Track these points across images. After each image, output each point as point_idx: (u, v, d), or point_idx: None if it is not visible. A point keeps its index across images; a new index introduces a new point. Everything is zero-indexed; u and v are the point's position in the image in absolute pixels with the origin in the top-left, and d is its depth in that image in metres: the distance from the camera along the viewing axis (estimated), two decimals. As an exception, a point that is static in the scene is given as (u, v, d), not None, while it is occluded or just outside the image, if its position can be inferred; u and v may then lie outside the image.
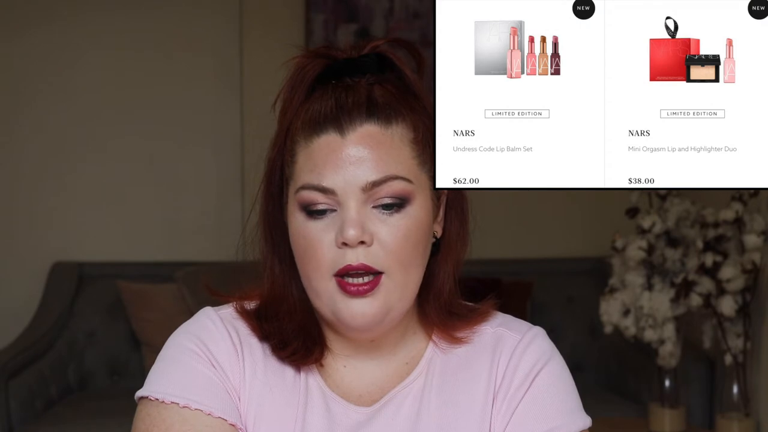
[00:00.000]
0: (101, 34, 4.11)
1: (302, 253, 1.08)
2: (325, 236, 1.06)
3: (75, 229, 4.12)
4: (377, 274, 1.05)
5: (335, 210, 1.06)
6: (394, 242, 1.06)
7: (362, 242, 1.05)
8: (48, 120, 4.09)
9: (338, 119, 1.07)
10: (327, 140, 1.07)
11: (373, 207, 1.06)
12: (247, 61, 4.15)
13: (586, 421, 1.13)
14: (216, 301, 1.17)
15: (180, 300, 3.73)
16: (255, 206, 1.16)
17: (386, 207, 1.06)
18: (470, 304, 1.19)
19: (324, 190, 1.06)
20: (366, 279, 1.05)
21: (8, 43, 4.07)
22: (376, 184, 1.06)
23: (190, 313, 1.17)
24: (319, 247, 1.06)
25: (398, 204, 1.07)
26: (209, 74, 4.18)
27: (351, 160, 1.06)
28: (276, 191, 1.13)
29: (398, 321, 1.11)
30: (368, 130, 1.07)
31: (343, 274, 1.05)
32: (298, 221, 1.08)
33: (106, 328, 3.94)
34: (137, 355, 3.89)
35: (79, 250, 4.09)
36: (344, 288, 1.05)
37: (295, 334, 1.11)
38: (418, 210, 1.08)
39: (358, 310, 1.06)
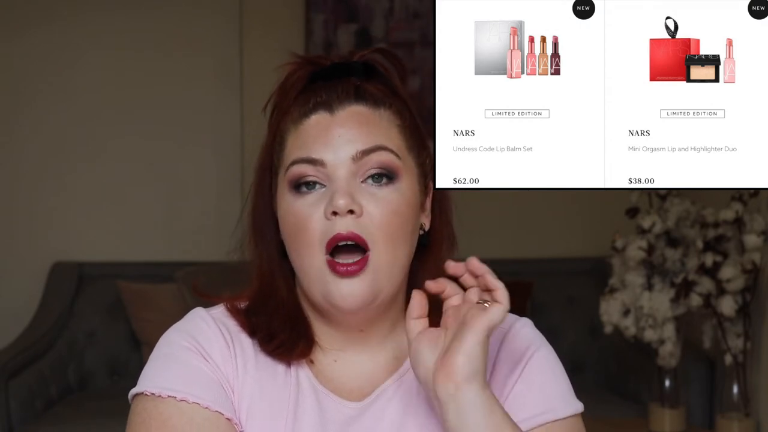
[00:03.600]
0: (101, 34, 4.11)
1: (292, 231, 1.10)
2: (314, 211, 1.08)
3: (75, 229, 4.12)
4: (365, 252, 1.07)
5: (324, 186, 1.09)
6: (384, 216, 1.08)
7: (352, 212, 1.07)
8: (48, 120, 4.09)
9: (327, 102, 1.11)
10: (317, 119, 1.10)
11: (362, 182, 1.09)
12: (247, 61, 4.15)
13: (578, 406, 1.15)
14: (209, 304, 1.18)
15: (180, 300, 3.73)
16: (246, 207, 1.18)
17: (376, 178, 1.09)
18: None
19: (314, 162, 1.09)
20: (354, 259, 1.07)
21: (8, 43, 4.07)
22: (365, 153, 1.08)
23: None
24: (309, 221, 1.08)
25: (387, 176, 1.09)
26: (209, 74, 4.18)
27: (340, 133, 1.09)
28: (266, 188, 1.16)
29: (387, 306, 1.13)
30: (357, 109, 1.11)
31: (332, 246, 1.06)
32: (287, 202, 1.10)
33: (106, 328, 3.94)
34: (137, 355, 3.89)
35: (79, 250, 4.09)
36: (334, 268, 1.07)
37: (282, 327, 1.13)
38: (405, 189, 1.10)
39: (348, 291, 1.07)
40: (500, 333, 1.15)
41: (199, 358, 1.10)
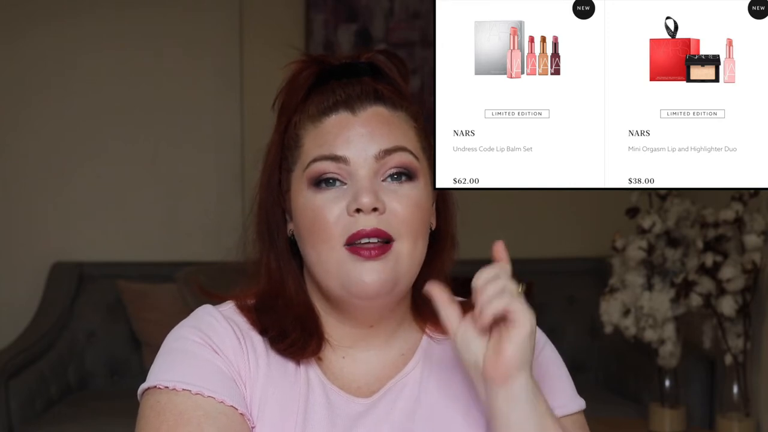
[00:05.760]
0: (101, 35, 4.11)
1: (310, 225, 1.10)
2: (335, 206, 1.09)
3: (75, 229, 4.12)
4: (388, 241, 1.08)
5: (345, 183, 1.09)
6: (406, 211, 1.09)
7: (375, 209, 1.07)
8: (48, 120, 4.09)
9: (348, 101, 1.11)
10: (338, 119, 1.11)
11: (383, 180, 1.10)
12: (247, 61, 4.15)
13: (582, 402, 1.18)
14: (212, 303, 1.18)
15: (180, 300, 3.73)
16: (254, 207, 1.18)
17: (395, 177, 1.10)
18: (460, 298, 1.20)
19: (336, 159, 1.09)
20: (378, 243, 1.07)
21: (8, 43, 4.06)
22: (388, 152, 1.09)
23: (189, 313, 1.16)
24: (329, 216, 1.08)
25: (407, 174, 1.10)
26: (209, 74, 4.18)
27: (363, 133, 1.10)
28: (274, 186, 1.15)
29: (396, 302, 1.14)
30: (378, 110, 1.12)
31: (354, 241, 1.07)
32: (305, 197, 1.10)
33: (106, 328, 3.94)
34: (137, 355, 3.89)
35: (79, 250, 4.09)
36: (356, 252, 1.07)
37: (293, 326, 1.13)
38: (422, 188, 1.11)
39: (369, 274, 1.08)
40: None
41: (211, 353, 1.10)
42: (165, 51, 4.14)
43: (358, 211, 1.07)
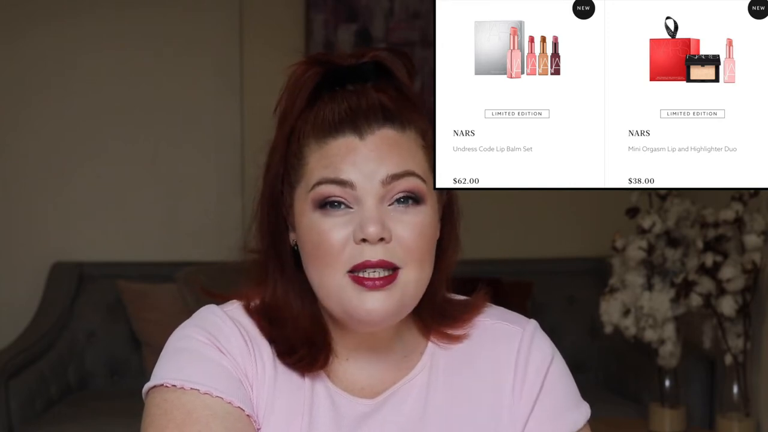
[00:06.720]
0: (101, 35, 4.11)
1: (315, 249, 1.08)
2: (341, 232, 1.06)
3: (75, 229, 4.12)
4: (395, 269, 1.06)
5: (351, 207, 1.07)
6: (412, 239, 1.07)
7: (381, 239, 1.05)
8: (48, 120, 4.08)
9: (355, 122, 1.08)
10: (345, 142, 1.08)
11: (389, 205, 1.07)
12: (247, 62, 4.15)
13: (588, 409, 1.18)
14: (213, 302, 1.17)
15: (180, 300, 3.73)
16: (256, 215, 1.16)
17: (402, 201, 1.07)
18: (462, 297, 1.20)
19: (342, 183, 1.06)
20: (383, 273, 1.06)
21: (8, 43, 4.06)
22: (395, 177, 1.07)
23: (190, 313, 1.15)
24: (335, 242, 1.06)
25: (414, 199, 1.08)
26: (209, 74, 4.18)
27: (371, 157, 1.07)
28: (277, 197, 1.13)
29: None
30: (386, 133, 1.08)
31: (358, 270, 1.06)
32: (310, 219, 1.08)
33: (106, 328, 3.94)
34: (137, 355, 3.89)
35: (79, 250, 4.09)
36: (360, 282, 1.06)
37: (301, 342, 1.12)
38: (429, 210, 1.09)
39: (373, 304, 1.06)
40: (515, 336, 1.17)
41: (218, 353, 1.09)
42: (165, 51, 4.14)
43: (364, 240, 1.05)
